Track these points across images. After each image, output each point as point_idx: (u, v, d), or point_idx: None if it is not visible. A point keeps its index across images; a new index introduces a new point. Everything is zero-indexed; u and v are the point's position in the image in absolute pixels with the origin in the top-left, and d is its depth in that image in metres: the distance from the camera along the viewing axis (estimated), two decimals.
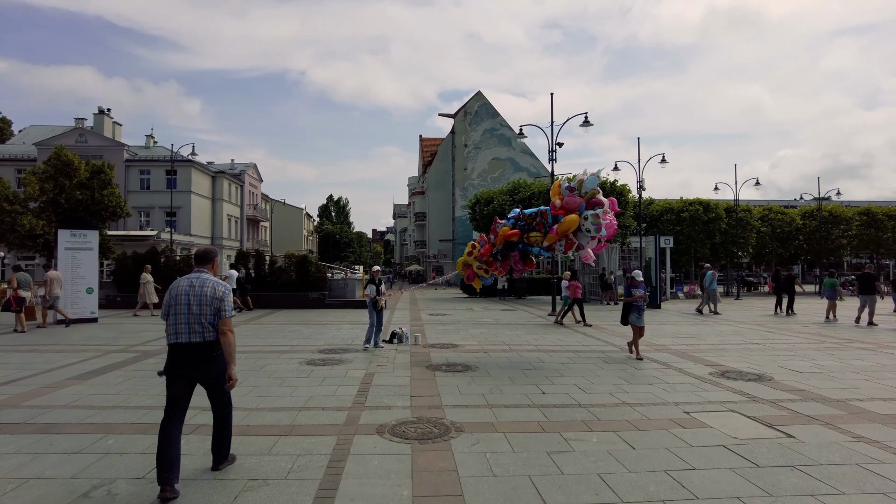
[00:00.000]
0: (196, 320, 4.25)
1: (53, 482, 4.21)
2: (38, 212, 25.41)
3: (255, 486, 4.16)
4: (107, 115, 46.08)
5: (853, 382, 7.82)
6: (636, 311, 9.94)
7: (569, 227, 8.98)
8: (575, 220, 8.99)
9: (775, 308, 19.48)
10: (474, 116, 53.79)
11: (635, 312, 9.94)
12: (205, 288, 4.33)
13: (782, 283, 19.28)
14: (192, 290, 4.31)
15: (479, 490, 4.09)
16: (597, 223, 8.85)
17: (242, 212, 56.20)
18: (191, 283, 4.36)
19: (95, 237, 16.46)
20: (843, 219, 35.42)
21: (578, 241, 9.17)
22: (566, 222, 9.03)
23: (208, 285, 4.35)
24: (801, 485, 4.20)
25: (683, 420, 5.92)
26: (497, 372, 8.60)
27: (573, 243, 9.18)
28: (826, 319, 16.70)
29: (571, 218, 9.00)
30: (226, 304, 4.35)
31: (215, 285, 4.38)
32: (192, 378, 4.36)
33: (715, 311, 19.17)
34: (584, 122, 19.84)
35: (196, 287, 4.32)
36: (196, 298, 4.28)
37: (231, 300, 4.46)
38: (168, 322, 4.31)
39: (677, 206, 32.38)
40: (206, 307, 4.28)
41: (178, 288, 4.37)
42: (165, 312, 4.34)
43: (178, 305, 4.28)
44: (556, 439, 5.26)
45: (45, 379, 7.92)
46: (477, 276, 10.27)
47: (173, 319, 4.28)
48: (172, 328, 4.28)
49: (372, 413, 6.17)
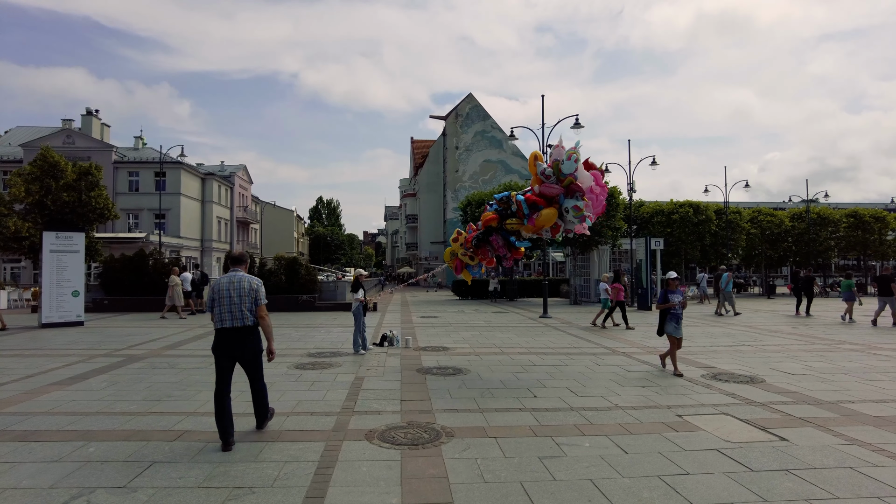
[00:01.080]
0: (237, 309, 5.19)
1: (30, 492, 4.07)
2: (24, 214, 25.07)
3: (239, 494, 4.05)
4: (95, 116, 45.61)
5: (844, 384, 7.81)
6: (674, 320, 8.69)
7: (546, 221, 8.50)
8: (553, 214, 8.44)
9: (797, 309, 19.52)
10: (465, 119, 53.83)
11: (673, 321, 8.69)
12: (242, 283, 5.28)
13: (801, 284, 19.45)
14: (231, 286, 5.25)
15: (469, 497, 4.00)
16: (579, 215, 8.29)
17: (232, 214, 55.84)
18: (230, 279, 5.31)
19: (81, 239, 16.23)
20: (830, 221, 35.71)
21: (566, 226, 8.67)
22: (543, 216, 8.48)
23: (245, 280, 5.30)
24: (796, 489, 4.14)
25: (676, 423, 5.86)
26: (489, 375, 8.52)
27: (559, 227, 8.69)
28: (843, 320, 16.80)
29: (549, 213, 8.45)
30: (260, 294, 5.30)
31: (250, 280, 5.33)
32: (234, 356, 5.26)
33: (735, 312, 19.14)
34: (576, 124, 19.86)
35: (235, 283, 5.26)
36: (236, 291, 5.22)
37: (264, 291, 5.37)
38: (213, 312, 5.25)
39: (667, 208, 32.52)
40: (245, 297, 5.22)
41: (220, 284, 5.32)
42: (210, 305, 5.31)
43: (222, 298, 5.22)
44: (548, 444, 5.19)
45: (25, 385, 7.75)
46: (465, 268, 9.93)
47: (218, 309, 5.22)
48: (218, 316, 5.21)
49: (361, 418, 6.07)
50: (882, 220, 35.97)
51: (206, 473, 4.43)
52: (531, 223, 8.59)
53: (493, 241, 9.17)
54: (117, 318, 18.07)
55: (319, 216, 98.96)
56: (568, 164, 8.40)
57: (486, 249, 9.31)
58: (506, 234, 9.10)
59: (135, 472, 4.46)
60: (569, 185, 8.33)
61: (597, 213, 8.54)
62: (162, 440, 5.27)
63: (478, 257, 9.50)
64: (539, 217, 8.53)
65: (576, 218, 8.31)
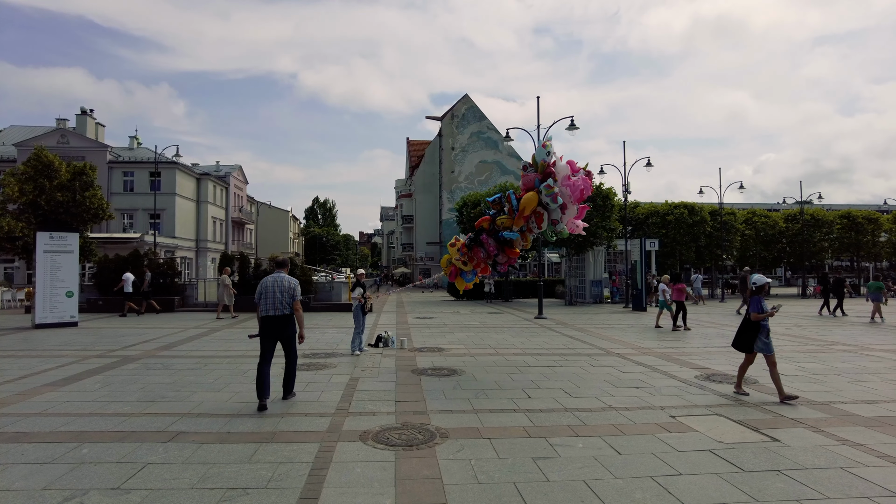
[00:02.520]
0: (279, 301, 6.67)
1: (23, 494, 4.06)
2: (18, 214, 24.89)
3: (233, 495, 4.05)
4: (89, 115, 45.41)
5: (836, 385, 7.86)
6: (765, 334, 7.11)
7: (527, 204, 8.66)
8: (533, 196, 8.61)
9: (821, 309, 20.35)
10: (461, 119, 53.84)
11: (764, 335, 7.10)
12: (283, 282, 6.76)
13: (831, 287, 20.37)
14: (275, 284, 6.73)
15: (463, 498, 4.02)
16: (550, 193, 8.37)
17: (227, 214, 55.70)
18: (274, 279, 6.79)
19: (75, 239, 16.17)
20: (824, 222, 35.87)
21: (551, 216, 8.75)
22: (524, 200, 8.70)
23: (285, 280, 6.78)
24: (787, 489, 4.18)
25: (669, 424, 5.89)
26: (483, 376, 8.54)
27: (542, 216, 8.70)
28: (871, 321, 17.18)
29: (529, 196, 8.64)
30: (297, 291, 6.81)
31: (290, 280, 6.81)
32: (275, 337, 6.73)
33: None
34: (571, 125, 19.90)
35: (278, 282, 6.75)
36: (279, 288, 6.71)
37: (300, 290, 6.84)
38: (260, 303, 6.70)
39: (662, 209, 32.60)
40: (286, 293, 6.71)
41: (266, 282, 6.79)
42: (258, 298, 6.74)
43: (268, 293, 6.70)
44: (541, 445, 5.21)
45: (18, 386, 7.72)
46: (460, 275, 9.98)
47: (264, 301, 6.68)
48: (264, 307, 6.67)
49: (356, 419, 6.07)
50: (875, 221, 36.18)
51: (201, 475, 4.43)
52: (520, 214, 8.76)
53: (484, 241, 9.20)
54: (112, 319, 18.01)
55: (315, 217, 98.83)
56: (538, 151, 8.79)
57: (479, 251, 9.32)
58: (497, 233, 9.13)
59: (128, 473, 4.45)
60: (543, 169, 8.61)
61: (577, 198, 8.58)
62: (156, 441, 5.26)
63: (472, 262, 9.51)
64: (522, 201, 8.73)
65: (548, 197, 8.45)
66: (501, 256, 9.48)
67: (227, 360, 9.86)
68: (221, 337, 13.33)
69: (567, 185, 8.49)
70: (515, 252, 9.48)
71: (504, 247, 9.26)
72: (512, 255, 9.49)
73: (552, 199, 8.43)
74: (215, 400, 6.91)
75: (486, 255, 9.35)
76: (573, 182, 8.46)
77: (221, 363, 9.60)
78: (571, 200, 8.58)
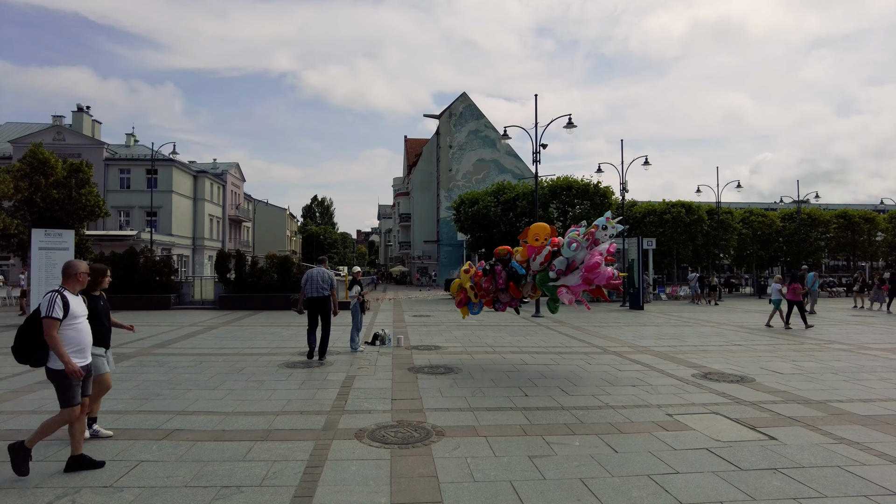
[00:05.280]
0: (319, 287, 9.69)
1: (13, 492, 4.02)
2: (13, 211, 24.76)
3: (227, 493, 4.01)
4: (86, 112, 45.21)
5: (833, 384, 7.86)
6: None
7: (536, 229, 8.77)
8: (545, 228, 8.78)
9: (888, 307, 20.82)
10: (459, 118, 53.81)
11: None
12: (323, 273, 9.79)
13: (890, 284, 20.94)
14: (318, 274, 9.75)
15: (459, 496, 3.99)
16: (574, 239, 8.27)
17: (224, 212, 55.57)
18: (317, 271, 9.82)
19: (71, 237, 16.06)
20: (821, 221, 35.98)
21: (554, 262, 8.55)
22: (535, 225, 8.91)
23: (324, 272, 9.83)
24: (784, 488, 4.16)
25: (666, 423, 5.87)
26: (480, 374, 8.51)
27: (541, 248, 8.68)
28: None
29: (543, 225, 8.91)
30: (333, 281, 9.88)
31: (327, 272, 9.87)
32: (317, 313, 9.68)
33: (811, 311, 19.14)
34: (568, 123, 19.89)
35: (319, 273, 9.78)
36: (320, 277, 9.73)
37: (335, 280, 10.02)
38: (306, 288, 9.71)
39: (660, 208, 32.63)
40: (325, 282, 9.74)
41: (311, 273, 9.83)
42: (304, 284, 9.77)
43: (312, 280, 9.71)
44: (538, 443, 5.18)
45: (9, 384, 7.66)
46: (466, 304, 9.93)
47: (309, 287, 9.69)
48: (309, 290, 9.68)
49: (351, 417, 6.04)
50: (871, 220, 36.31)
51: (194, 472, 4.39)
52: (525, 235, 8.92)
53: (497, 271, 9.18)
54: None
55: (313, 215, 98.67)
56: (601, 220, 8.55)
57: (490, 281, 9.32)
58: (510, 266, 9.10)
59: (121, 471, 4.41)
60: (588, 231, 8.44)
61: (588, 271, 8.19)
62: (150, 439, 5.22)
63: (480, 294, 9.55)
64: (532, 226, 8.79)
65: (569, 237, 8.41)
66: (504, 295, 9.43)
67: (222, 358, 9.81)
68: (217, 335, 13.28)
69: (591, 255, 8.20)
70: (518, 293, 9.35)
71: (510, 282, 9.15)
72: (515, 294, 9.37)
73: (568, 244, 8.29)
74: (210, 398, 6.86)
75: (494, 287, 9.35)
76: (598, 260, 8.09)
77: (217, 361, 9.55)
78: (582, 268, 8.24)
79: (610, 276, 8.24)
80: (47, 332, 4.26)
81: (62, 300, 4.39)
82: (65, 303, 4.40)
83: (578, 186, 30.83)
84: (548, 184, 30.86)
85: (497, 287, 9.32)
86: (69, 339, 4.40)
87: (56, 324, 4.29)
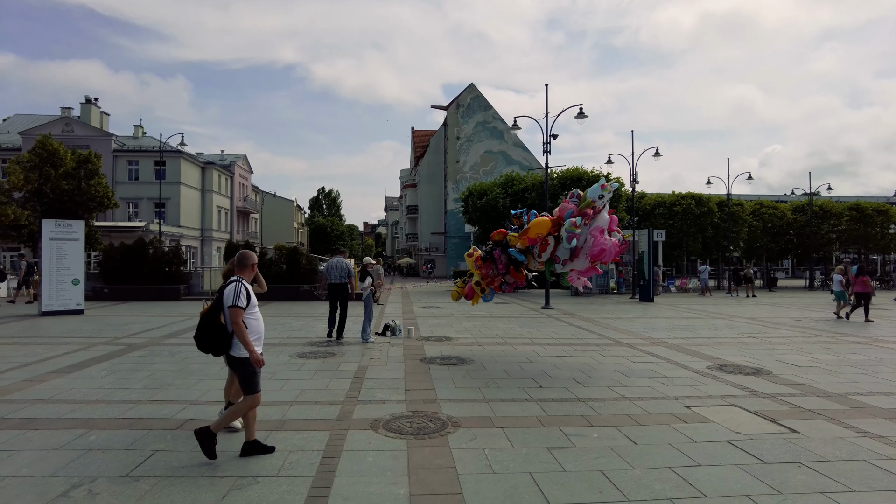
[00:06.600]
0: (341, 274, 10.82)
1: (29, 480, 3.99)
2: (23, 202, 24.88)
3: (243, 484, 3.97)
4: (94, 104, 45.30)
5: (852, 377, 7.74)
6: None
7: (536, 227, 8.54)
8: (544, 222, 8.48)
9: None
10: (467, 109, 53.49)
11: None
12: (342, 263, 10.98)
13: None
14: (338, 263, 10.92)
15: (478, 488, 3.92)
16: (570, 231, 8.14)
17: (232, 203, 55.64)
18: (337, 261, 11.01)
19: (81, 227, 16.11)
20: (833, 213, 35.53)
21: (556, 251, 8.49)
22: (535, 222, 8.61)
23: (343, 262, 11.00)
24: (810, 482, 4.07)
25: (684, 415, 5.79)
26: (492, 365, 8.44)
27: (546, 245, 8.51)
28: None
29: (542, 220, 8.58)
30: (351, 269, 11.13)
31: (346, 262, 11.06)
32: (336, 297, 10.82)
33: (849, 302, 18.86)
34: (580, 113, 19.70)
35: (340, 262, 10.96)
36: (339, 266, 10.88)
37: (353, 268, 11.83)
38: (329, 274, 10.88)
39: (669, 200, 32.36)
40: (343, 270, 10.87)
41: (333, 261, 11.03)
42: (327, 272, 10.97)
43: (332, 269, 10.86)
44: (555, 434, 5.11)
45: (24, 373, 7.66)
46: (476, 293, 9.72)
47: (331, 274, 10.85)
48: (332, 276, 10.83)
49: (365, 407, 5.99)
50: (884, 213, 35.83)
51: (210, 462, 4.35)
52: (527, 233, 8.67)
53: (496, 257, 9.07)
54: (117, 307, 17.99)
55: (320, 207, 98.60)
56: (593, 189, 8.42)
57: (490, 266, 9.21)
58: (509, 250, 8.97)
59: (136, 460, 4.38)
60: (583, 208, 8.34)
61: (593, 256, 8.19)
62: (164, 429, 5.20)
63: (485, 281, 9.42)
64: (532, 223, 8.59)
65: (566, 232, 8.22)
66: (509, 277, 9.29)
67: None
68: None
69: (593, 237, 8.11)
70: (522, 276, 9.26)
71: (511, 266, 9.04)
72: (518, 279, 9.29)
73: (567, 237, 8.17)
74: (222, 387, 6.79)
75: (495, 272, 9.23)
76: (602, 241, 8.04)
77: None
78: (587, 254, 8.21)
79: (617, 252, 8.27)
80: (234, 321, 4.32)
81: (245, 290, 4.43)
82: (247, 292, 4.44)
83: (588, 178, 30.55)
84: (557, 175, 30.64)
85: (499, 271, 9.25)
86: (251, 328, 4.46)
87: (242, 312, 4.35)
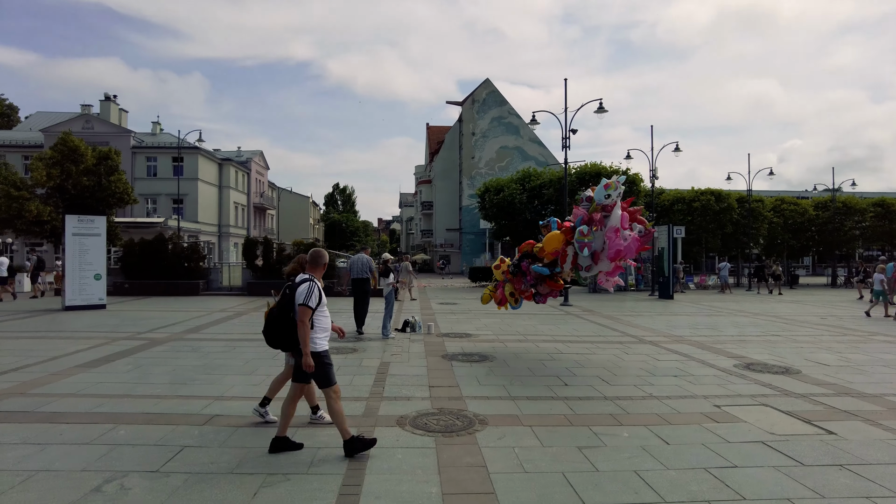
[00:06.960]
0: (362, 269, 10.99)
1: (62, 475, 4.00)
2: (45, 198, 25.22)
3: (273, 481, 3.94)
4: (113, 101, 45.78)
5: (885, 377, 7.54)
6: None
7: (548, 244, 8.48)
8: (557, 237, 8.42)
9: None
10: (482, 104, 53.26)
11: None
12: (364, 259, 11.17)
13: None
14: (359, 259, 11.13)
15: (510, 487, 3.86)
16: (580, 241, 8.04)
17: (249, 199, 56.00)
18: (359, 257, 11.23)
19: (103, 223, 16.28)
20: (857, 210, 34.76)
21: (579, 262, 8.40)
22: (546, 239, 8.56)
23: (365, 258, 11.19)
24: (853, 486, 3.94)
25: (715, 414, 5.67)
26: (515, 362, 8.36)
27: (565, 256, 8.45)
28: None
29: (553, 235, 8.50)
30: (372, 265, 11.18)
31: (368, 258, 11.22)
32: (360, 291, 11.02)
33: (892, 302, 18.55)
34: (599, 108, 19.49)
35: (362, 259, 11.17)
36: (362, 262, 11.07)
37: (375, 265, 11.40)
38: (352, 269, 11.06)
39: (688, 196, 31.92)
40: (365, 266, 11.05)
41: (355, 258, 11.28)
42: (350, 267, 11.20)
43: (355, 264, 11.07)
44: (585, 433, 5.03)
45: (50, 367, 7.73)
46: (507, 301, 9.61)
47: (355, 268, 11.04)
48: (354, 272, 11.03)
49: (391, 404, 5.95)
50: None
51: (238, 458, 4.34)
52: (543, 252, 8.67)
53: (525, 270, 9.00)
54: (138, 302, 18.18)
55: (335, 203, 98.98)
56: (599, 192, 8.27)
57: (521, 279, 9.12)
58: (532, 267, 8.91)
59: (166, 456, 4.37)
60: (592, 211, 8.25)
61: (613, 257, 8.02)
62: (190, 424, 5.20)
63: (517, 291, 9.34)
64: (545, 239, 8.52)
65: (577, 242, 8.13)
66: (542, 287, 9.23)
67: (255, 343, 9.78)
68: (248, 320, 13.33)
69: (608, 238, 7.93)
70: (559, 284, 9.23)
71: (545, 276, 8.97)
72: (555, 287, 9.25)
73: (578, 246, 8.10)
74: (247, 383, 6.83)
75: (526, 286, 9.18)
76: (617, 242, 7.86)
77: (249, 346, 9.55)
78: (607, 256, 8.06)
79: (638, 247, 8.14)
80: (301, 319, 4.34)
81: (318, 290, 4.45)
82: (319, 293, 4.46)
83: (607, 173, 30.28)
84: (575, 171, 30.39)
85: (528, 283, 9.17)
86: (322, 324, 4.50)
87: (310, 312, 4.36)
